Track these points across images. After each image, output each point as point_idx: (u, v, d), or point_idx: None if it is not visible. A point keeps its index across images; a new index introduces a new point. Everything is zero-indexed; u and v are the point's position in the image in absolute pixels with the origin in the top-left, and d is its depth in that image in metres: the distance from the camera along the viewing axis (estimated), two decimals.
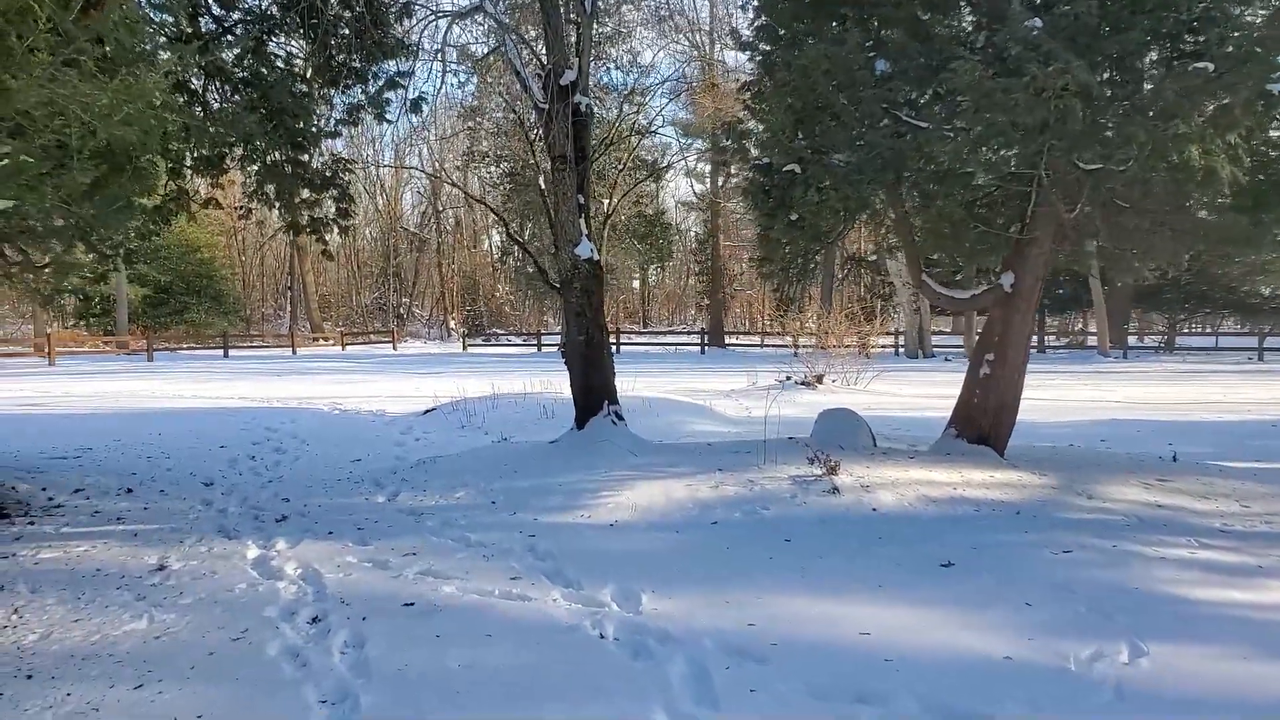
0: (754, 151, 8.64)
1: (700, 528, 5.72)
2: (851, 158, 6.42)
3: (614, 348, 35.53)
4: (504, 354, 34.55)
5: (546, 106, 8.14)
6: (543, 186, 13.82)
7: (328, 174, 7.65)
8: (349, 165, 7.91)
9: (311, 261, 46.77)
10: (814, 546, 5.26)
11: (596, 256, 8.18)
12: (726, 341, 36.34)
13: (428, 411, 12.22)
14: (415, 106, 7.97)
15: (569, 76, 8.00)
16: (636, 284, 58.29)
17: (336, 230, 8.13)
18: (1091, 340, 36.49)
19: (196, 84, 7.31)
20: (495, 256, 45.53)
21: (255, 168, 7.97)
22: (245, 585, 4.62)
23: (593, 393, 8.05)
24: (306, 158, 7.15)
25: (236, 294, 44.71)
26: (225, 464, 8.45)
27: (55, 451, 8.67)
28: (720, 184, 36.24)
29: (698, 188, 45.39)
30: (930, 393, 15.94)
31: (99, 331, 36.10)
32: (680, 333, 41.32)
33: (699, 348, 34.38)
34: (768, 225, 7.85)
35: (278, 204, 8.24)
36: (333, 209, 7.95)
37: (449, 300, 51.88)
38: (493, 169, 33.70)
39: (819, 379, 15.14)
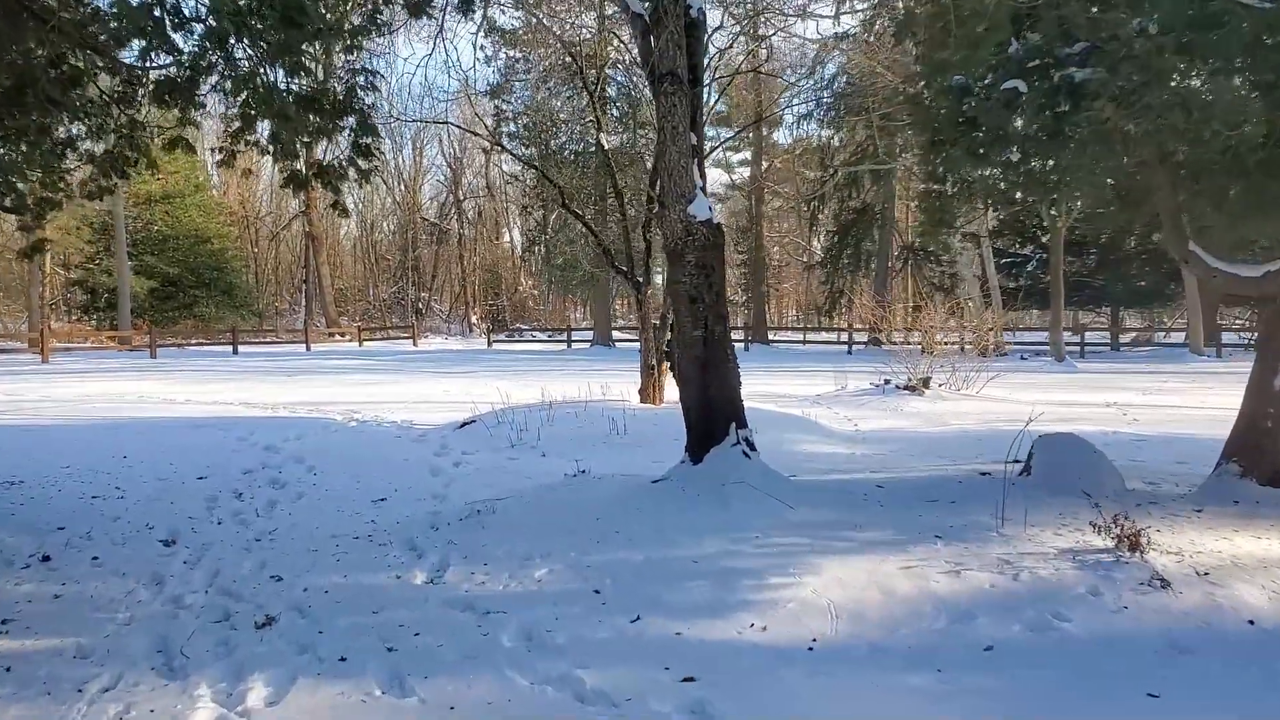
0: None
1: (970, 659, 3.34)
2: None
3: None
4: (532, 351, 32.25)
5: (648, 9, 5.78)
6: (604, 144, 11.47)
7: (341, 95, 5.31)
8: (373, 78, 5.53)
9: (327, 253, 44.68)
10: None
11: (718, 219, 5.80)
12: (769, 338, 33.85)
13: (466, 424, 9.88)
14: (465, 5, 5.63)
15: None
16: (660, 279, 55.66)
17: (355, 178, 5.75)
18: (1171, 337, 33.79)
19: None
20: (523, 246, 43.11)
21: (243, 96, 5.62)
22: None
23: (714, 411, 5.67)
24: (308, 51, 4.79)
25: (249, 287, 42.60)
26: (201, 506, 6.13)
27: None
28: (764, 169, 33.77)
29: (728, 178, 42.79)
30: (1055, 399, 13.45)
31: (104, 326, 34.09)
32: None
33: (743, 344, 31.91)
34: (972, 168, 5.44)
35: (273, 149, 5.90)
36: (348, 148, 5.60)
37: (470, 294, 49.62)
38: (521, 148, 31.31)
39: (925, 383, 12.70)
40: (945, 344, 17.44)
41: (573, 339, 34.94)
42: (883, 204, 31.39)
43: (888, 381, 13.07)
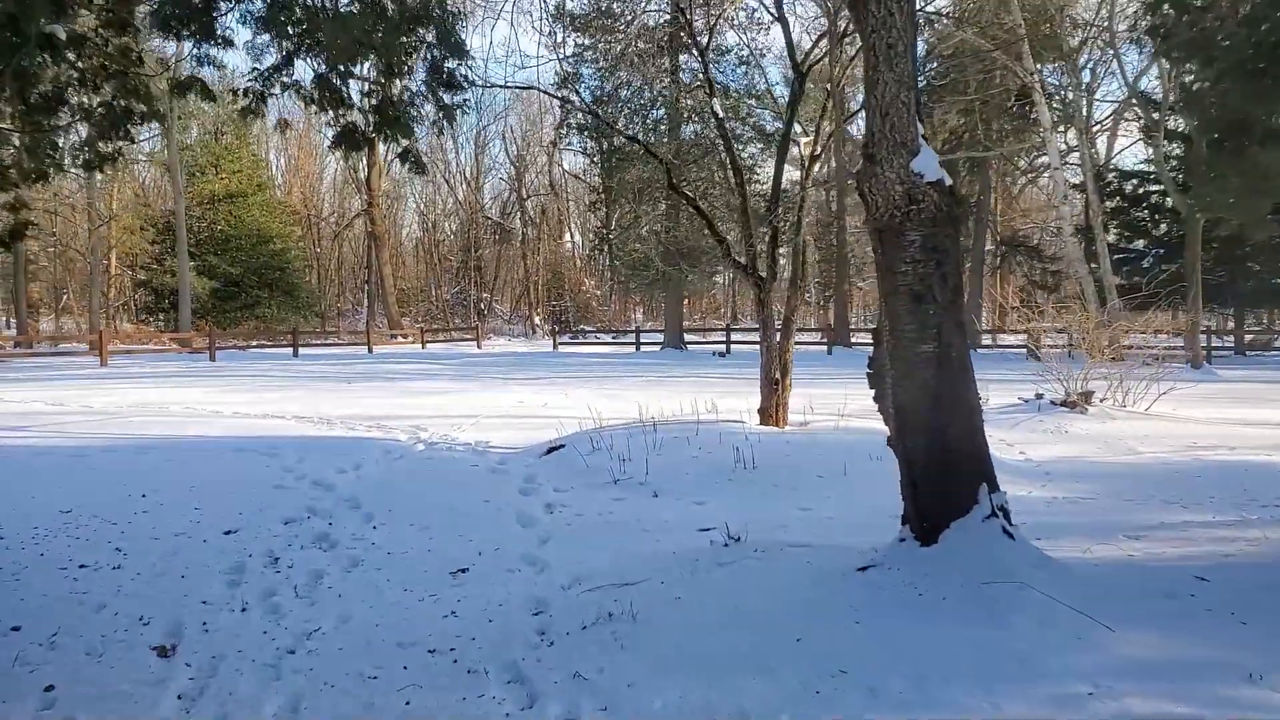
0: None
1: None
2: None
3: (723, 348, 31.04)
4: (600, 354, 30.59)
5: None
6: (718, 111, 9.66)
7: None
8: None
9: (390, 252, 43.77)
10: None
11: (949, 180, 3.98)
12: (851, 340, 31.60)
13: (553, 449, 8.22)
14: None
15: None
16: (718, 277, 52.54)
17: (434, 120, 4.11)
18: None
19: None
20: (591, 245, 41.59)
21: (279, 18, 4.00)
22: None
23: (953, 465, 3.85)
24: None
25: (311, 288, 41.96)
26: (221, 581, 4.54)
27: None
28: (846, 156, 31.56)
29: (797, 174, 40.47)
30: (1234, 416, 11.24)
31: (168, 327, 33.56)
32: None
33: (825, 347, 29.79)
34: None
35: (317, 94, 4.28)
36: (423, 78, 3.98)
37: (533, 294, 48.34)
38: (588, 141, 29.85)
39: (1086, 398, 10.61)
40: (1055, 349, 15.09)
41: (641, 341, 33.21)
42: (978, 195, 29.02)
43: (1040, 395, 11.02)
